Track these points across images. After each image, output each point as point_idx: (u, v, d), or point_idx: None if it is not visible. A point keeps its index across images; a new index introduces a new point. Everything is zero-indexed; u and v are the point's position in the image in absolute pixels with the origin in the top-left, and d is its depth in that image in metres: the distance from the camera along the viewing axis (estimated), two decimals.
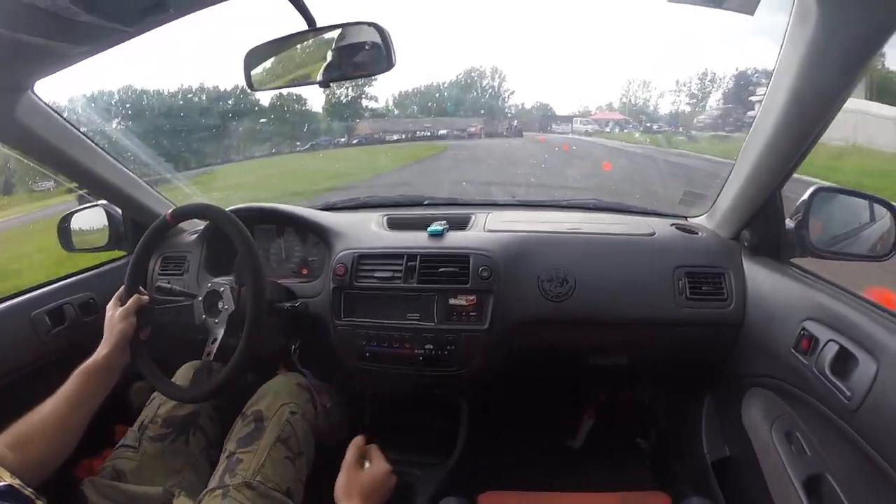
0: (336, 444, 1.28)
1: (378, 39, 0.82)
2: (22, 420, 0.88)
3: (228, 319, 1.12)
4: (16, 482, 0.72)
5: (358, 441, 1.01)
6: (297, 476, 1.05)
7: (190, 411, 1.12)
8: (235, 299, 1.12)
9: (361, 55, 0.84)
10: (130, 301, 1.08)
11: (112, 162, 1.31)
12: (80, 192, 1.59)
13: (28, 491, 0.71)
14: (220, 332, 1.11)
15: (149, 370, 1.09)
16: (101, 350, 1.01)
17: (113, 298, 1.11)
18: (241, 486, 0.93)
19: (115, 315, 1.06)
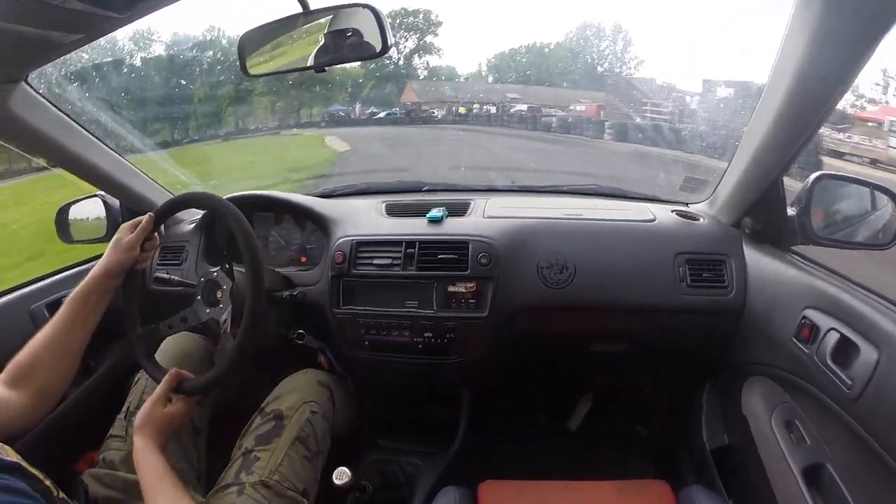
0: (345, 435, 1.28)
1: (373, 21, 0.80)
2: (19, 354, 0.90)
3: (232, 308, 1.09)
4: (23, 462, 0.72)
5: (173, 374, 0.99)
6: (313, 475, 1.06)
7: None
8: (231, 288, 1.10)
9: (355, 38, 0.83)
10: (138, 231, 1.04)
11: (108, 151, 1.29)
12: None
13: (34, 470, 0.72)
14: (224, 319, 1.08)
15: (139, 341, 1.07)
16: (93, 272, 0.99)
17: (128, 224, 1.06)
18: (257, 485, 0.94)
19: (120, 242, 1.02)
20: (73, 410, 1.23)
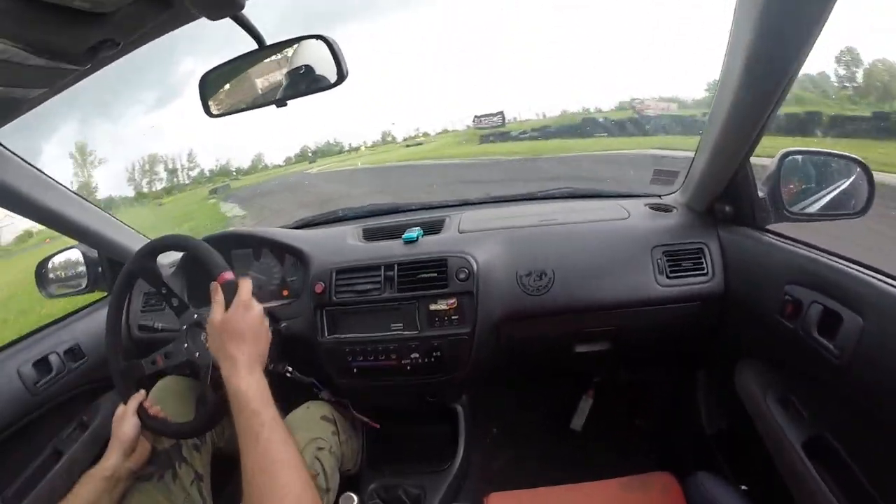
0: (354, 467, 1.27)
1: (327, 52, 0.81)
2: None
3: None
4: None
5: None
6: None
7: (172, 444, 1.08)
8: None
9: (313, 70, 0.84)
10: (129, 403, 1.05)
11: (84, 203, 1.29)
12: None
13: None
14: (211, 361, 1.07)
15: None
16: (106, 458, 0.98)
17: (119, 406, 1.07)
18: None
19: (115, 418, 1.03)
20: (69, 466, 1.22)
